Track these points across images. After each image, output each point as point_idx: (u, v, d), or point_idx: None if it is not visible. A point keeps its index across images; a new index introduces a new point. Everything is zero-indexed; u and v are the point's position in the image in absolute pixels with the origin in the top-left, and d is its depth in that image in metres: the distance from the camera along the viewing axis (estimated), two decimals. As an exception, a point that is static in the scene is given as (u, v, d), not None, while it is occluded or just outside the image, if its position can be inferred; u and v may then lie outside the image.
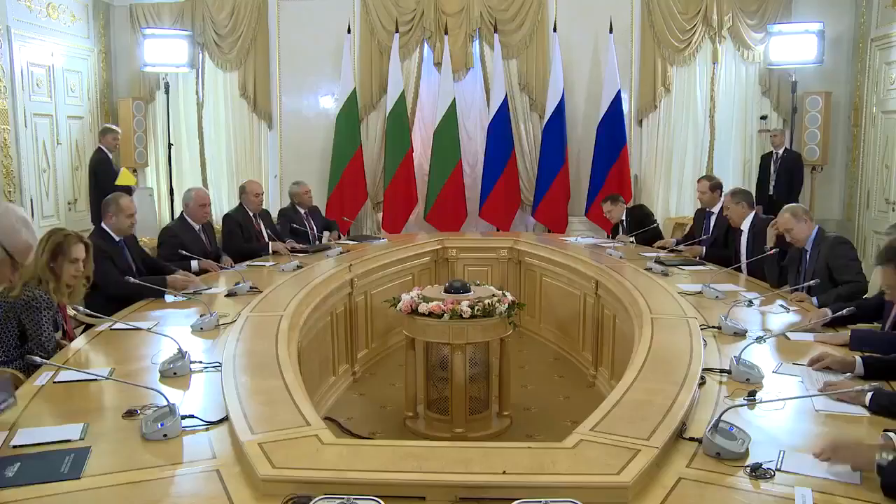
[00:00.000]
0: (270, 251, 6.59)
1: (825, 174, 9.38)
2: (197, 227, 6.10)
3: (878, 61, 8.68)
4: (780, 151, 8.83)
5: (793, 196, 8.54)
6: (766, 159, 9.03)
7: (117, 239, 5.04)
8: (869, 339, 3.60)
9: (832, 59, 9.05)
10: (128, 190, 7.87)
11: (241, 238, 6.67)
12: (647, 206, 7.93)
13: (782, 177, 8.75)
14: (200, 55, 9.54)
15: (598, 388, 5.59)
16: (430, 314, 4.52)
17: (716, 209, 6.60)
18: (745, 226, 5.87)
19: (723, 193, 6.52)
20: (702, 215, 6.81)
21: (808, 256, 4.83)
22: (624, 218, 7.46)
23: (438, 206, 9.27)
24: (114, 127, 8.71)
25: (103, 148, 8.43)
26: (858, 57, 9.08)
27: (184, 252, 5.64)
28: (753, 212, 5.95)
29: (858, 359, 3.23)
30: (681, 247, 6.61)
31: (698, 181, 6.97)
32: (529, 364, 6.29)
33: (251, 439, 2.47)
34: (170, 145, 9.40)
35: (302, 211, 7.49)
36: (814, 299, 4.44)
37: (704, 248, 6.49)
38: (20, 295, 3.59)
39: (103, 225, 5.04)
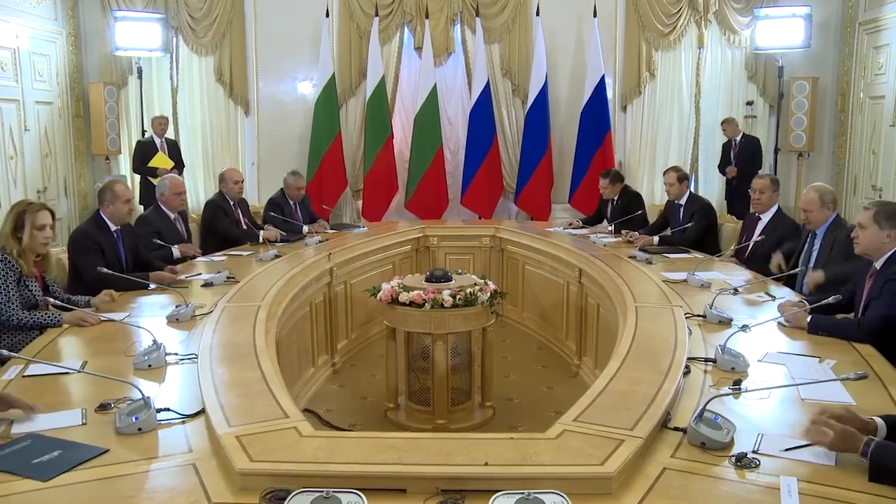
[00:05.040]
0: (261, 239, 6.54)
1: (812, 160, 9.46)
2: (172, 215, 6.05)
3: (866, 46, 8.73)
4: (738, 138, 8.93)
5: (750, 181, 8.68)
6: (726, 147, 9.10)
7: (113, 228, 4.96)
8: (825, 326, 3.70)
9: (819, 43, 9.11)
10: (153, 172, 8.38)
11: (228, 222, 6.62)
12: (640, 197, 7.77)
13: (742, 161, 8.86)
14: (174, 39, 9.44)
15: (581, 378, 5.61)
16: (411, 304, 4.52)
17: (683, 200, 6.63)
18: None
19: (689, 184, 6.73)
20: (671, 207, 6.78)
21: (817, 242, 4.81)
22: (615, 198, 7.36)
23: (419, 193, 9.27)
24: (160, 114, 9.23)
25: (152, 132, 9.05)
26: (846, 41, 9.14)
27: (159, 241, 5.60)
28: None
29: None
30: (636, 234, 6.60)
31: (665, 173, 6.86)
32: (512, 354, 6.31)
33: (228, 432, 2.46)
34: (143, 132, 9.32)
35: (291, 202, 7.39)
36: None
37: (657, 238, 6.48)
38: None
39: (101, 213, 4.97)
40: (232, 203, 6.78)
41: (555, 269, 6.33)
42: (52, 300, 3.97)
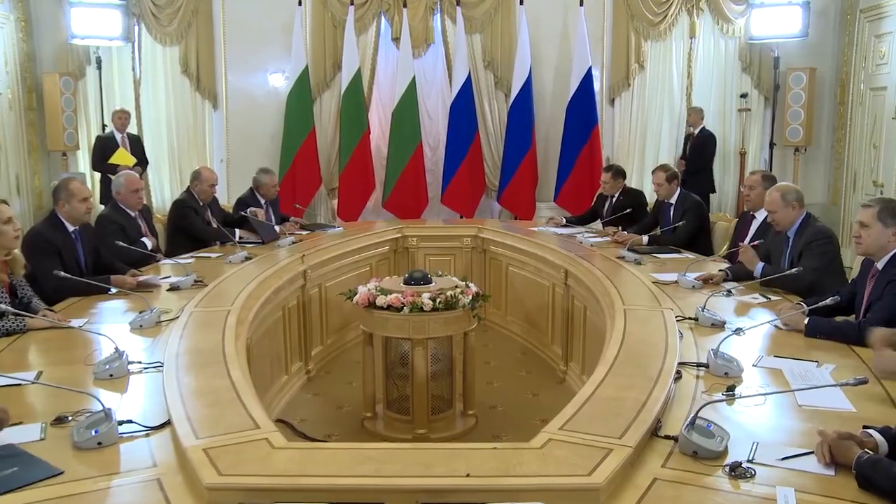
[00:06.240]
0: (238, 237, 6.54)
1: (809, 155, 9.54)
2: (133, 213, 6.00)
3: (867, 34, 8.77)
4: (697, 130, 9.10)
5: (699, 176, 8.87)
6: (686, 139, 9.34)
7: (71, 229, 4.90)
8: (823, 329, 3.71)
9: (818, 32, 9.18)
10: (113, 170, 8.03)
11: (199, 222, 6.59)
12: (644, 197, 7.71)
13: (693, 155, 9.08)
14: (136, 27, 9.39)
15: (568, 384, 5.62)
16: (389, 307, 4.51)
17: (674, 199, 6.62)
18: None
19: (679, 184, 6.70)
20: (661, 206, 6.78)
21: (790, 244, 4.83)
22: (615, 195, 7.34)
23: (397, 191, 9.27)
24: (121, 107, 9.16)
25: (112, 127, 9.06)
26: (846, 30, 9.21)
27: (121, 244, 5.54)
28: None
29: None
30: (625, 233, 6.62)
31: (653, 172, 6.88)
32: (495, 359, 6.32)
33: (195, 444, 2.44)
34: (103, 126, 9.25)
35: (262, 202, 7.35)
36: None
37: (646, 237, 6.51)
38: None
39: (57, 213, 4.90)
40: (201, 203, 6.73)
41: (539, 271, 6.34)
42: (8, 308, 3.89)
